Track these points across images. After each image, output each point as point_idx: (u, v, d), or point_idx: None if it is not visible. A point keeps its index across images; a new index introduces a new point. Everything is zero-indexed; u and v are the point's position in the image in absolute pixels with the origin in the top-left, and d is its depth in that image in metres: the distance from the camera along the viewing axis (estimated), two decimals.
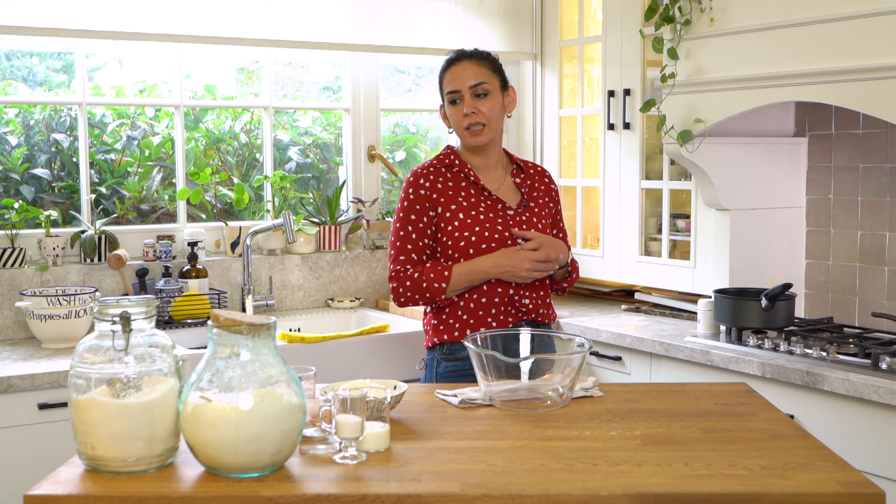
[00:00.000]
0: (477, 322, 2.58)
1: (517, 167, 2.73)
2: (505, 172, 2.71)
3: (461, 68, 2.60)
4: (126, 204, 3.65)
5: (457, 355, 2.58)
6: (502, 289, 2.58)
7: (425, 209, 2.60)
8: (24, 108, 3.56)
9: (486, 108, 2.58)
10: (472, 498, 1.53)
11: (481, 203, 2.61)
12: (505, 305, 2.59)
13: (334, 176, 4.07)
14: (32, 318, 3.04)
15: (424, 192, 2.60)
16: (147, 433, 1.61)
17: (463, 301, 2.58)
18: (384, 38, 3.81)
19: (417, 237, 2.59)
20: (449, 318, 2.60)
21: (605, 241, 3.78)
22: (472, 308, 2.58)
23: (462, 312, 2.59)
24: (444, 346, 2.61)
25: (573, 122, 3.99)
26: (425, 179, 2.61)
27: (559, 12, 4.00)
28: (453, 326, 2.59)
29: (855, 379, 2.55)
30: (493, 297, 2.58)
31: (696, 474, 1.62)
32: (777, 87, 2.90)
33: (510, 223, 2.60)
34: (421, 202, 2.60)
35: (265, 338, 1.63)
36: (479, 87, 2.58)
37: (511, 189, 2.69)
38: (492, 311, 2.58)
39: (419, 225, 2.59)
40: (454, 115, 2.62)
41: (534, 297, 2.63)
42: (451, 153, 2.67)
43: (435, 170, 2.64)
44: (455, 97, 2.60)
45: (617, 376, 3.29)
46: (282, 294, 3.69)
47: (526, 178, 2.72)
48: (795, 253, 3.44)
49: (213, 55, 3.82)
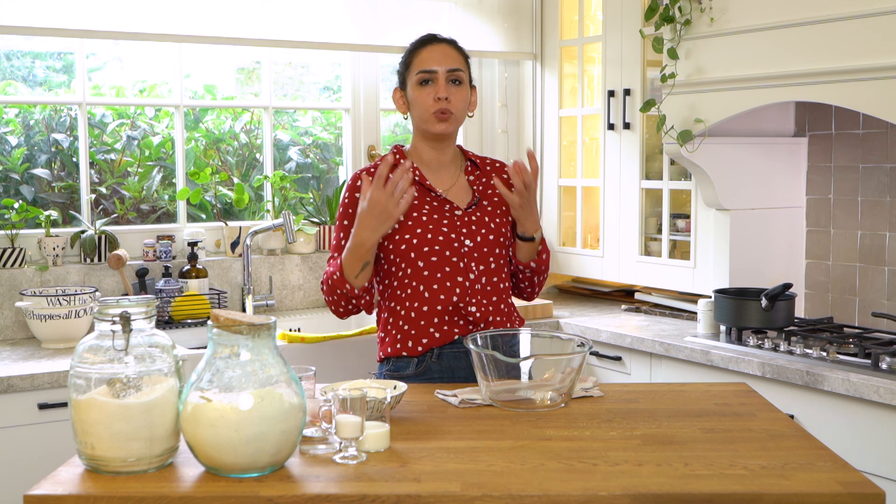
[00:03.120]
0: (419, 333, 2.35)
1: (471, 164, 2.51)
2: (458, 170, 2.49)
3: (439, 50, 2.40)
4: (126, 204, 3.65)
5: (402, 373, 2.37)
6: (444, 296, 2.34)
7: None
8: (24, 108, 3.56)
9: (458, 97, 2.39)
10: (472, 498, 1.53)
11: (425, 205, 2.39)
12: (449, 315, 2.35)
13: (334, 176, 4.07)
14: (32, 318, 3.04)
15: (360, 194, 2.34)
16: (147, 433, 1.61)
17: (404, 310, 2.36)
18: (384, 38, 3.81)
19: (347, 239, 2.36)
20: (392, 330, 2.39)
21: (605, 241, 3.78)
22: (412, 318, 2.36)
23: (403, 323, 2.37)
24: (390, 360, 2.40)
25: (573, 122, 3.99)
26: (363, 182, 2.33)
27: (559, 12, 4.00)
28: (395, 338, 2.38)
29: (855, 379, 2.55)
30: (436, 305, 2.34)
31: (696, 474, 1.62)
32: (777, 87, 2.90)
33: (457, 224, 2.38)
34: (355, 205, 2.38)
35: (265, 338, 1.63)
36: (455, 73, 2.38)
37: (463, 188, 2.46)
38: (434, 320, 2.35)
39: (351, 231, 2.34)
40: (422, 97, 2.38)
41: (483, 305, 2.36)
42: (396, 152, 2.46)
43: (376, 170, 2.35)
44: (428, 77, 2.37)
45: (617, 376, 3.29)
46: (282, 294, 3.70)
47: (481, 174, 2.49)
48: (795, 253, 3.44)
49: (213, 55, 3.82)
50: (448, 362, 2.36)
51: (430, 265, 2.35)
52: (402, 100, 2.48)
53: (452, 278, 2.36)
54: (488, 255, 2.40)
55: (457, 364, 2.36)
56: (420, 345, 2.35)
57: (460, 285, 2.36)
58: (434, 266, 2.35)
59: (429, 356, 2.36)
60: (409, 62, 2.43)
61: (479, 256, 2.38)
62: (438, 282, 2.35)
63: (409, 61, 2.43)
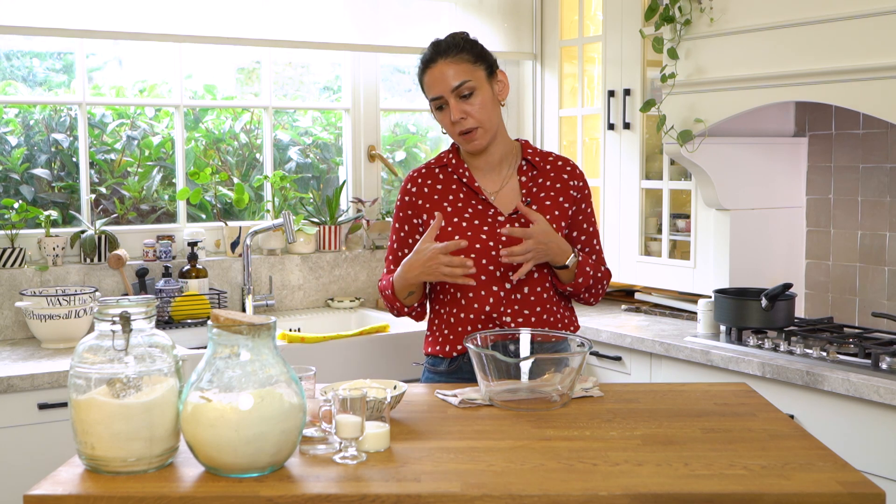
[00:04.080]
0: (456, 339, 2.39)
1: (527, 163, 2.43)
2: (511, 170, 2.43)
3: (438, 71, 2.32)
4: (126, 204, 3.65)
5: (437, 368, 2.44)
6: (478, 304, 2.35)
7: (408, 216, 2.43)
8: (24, 108, 3.56)
9: (476, 108, 2.31)
10: (472, 498, 1.53)
11: (469, 208, 2.37)
12: (482, 323, 2.36)
13: (334, 176, 4.07)
14: (32, 318, 3.04)
15: (410, 197, 2.42)
16: (147, 433, 1.61)
17: (445, 315, 2.41)
18: (384, 38, 3.81)
19: (399, 247, 2.46)
20: (435, 331, 2.45)
21: (605, 241, 3.77)
22: (451, 323, 2.40)
23: (444, 327, 2.42)
24: (430, 358, 2.47)
25: (573, 122, 3.99)
26: (412, 184, 2.43)
27: (559, 12, 4.00)
28: (437, 340, 2.44)
29: (855, 379, 2.55)
30: (469, 314, 2.37)
31: (696, 474, 1.62)
32: (777, 87, 2.90)
33: (497, 232, 2.34)
34: (405, 209, 2.44)
35: (265, 338, 1.63)
36: (462, 88, 2.30)
37: (513, 190, 2.41)
38: (469, 328, 2.37)
39: (401, 234, 2.45)
40: (443, 121, 2.37)
41: (517, 312, 2.35)
42: (450, 152, 2.45)
43: (428, 171, 2.44)
44: (440, 103, 2.34)
45: (617, 376, 3.29)
46: (282, 294, 3.69)
47: (538, 174, 2.42)
48: (795, 253, 3.44)
49: (213, 55, 3.82)
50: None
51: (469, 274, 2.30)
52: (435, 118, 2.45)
53: (488, 287, 2.35)
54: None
55: None
56: (455, 350, 2.40)
57: (495, 294, 2.35)
58: (472, 275, 2.32)
59: (461, 357, 2.41)
60: (421, 85, 2.40)
61: (518, 265, 2.31)
62: (474, 290, 2.36)
63: (421, 83, 2.40)
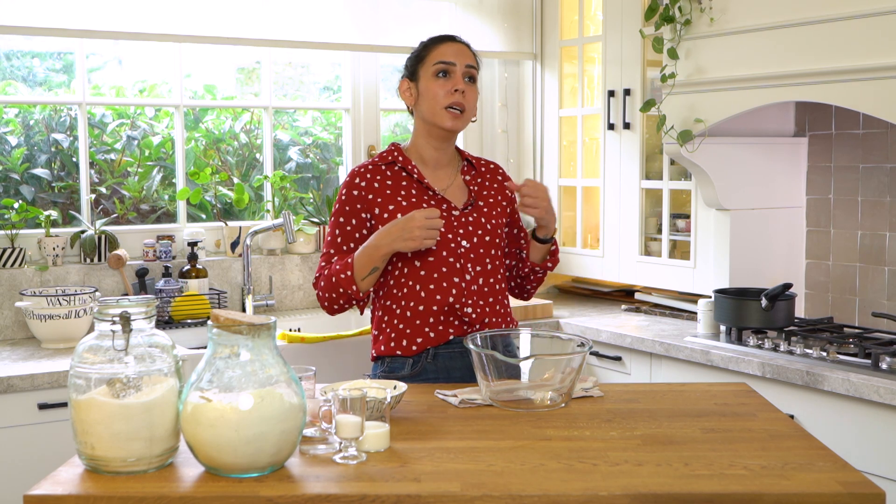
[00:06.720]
0: (414, 332, 2.34)
1: (468, 164, 2.50)
2: (455, 170, 2.48)
3: (457, 47, 2.41)
4: (126, 204, 3.65)
5: (398, 373, 2.36)
6: (441, 296, 2.33)
7: (356, 211, 2.39)
8: (24, 108, 3.56)
9: (472, 95, 2.40)
10: (472, 498, 1.53)
11: (423, 203, 2.38)
12: (444, 315, 2.34)
13: (334, 176, 4.07)
14: (32, 318, 3.04)
15: (359, 192, 2.38)
16: (147, 433, 1.61)
17: (399, 309, 2.36)
18: (384, 38, 3.81)
19: (343, 241, 2.39)
20: (386, 328, 2.38)
21: (605, 241, 3.78)
22: (408, 317, 2.35)
23: (398, 322, 2.36)
24: (384, 360, 2.39)
25: (573, 122, 3.99)
26: (361, 178, 2.40)
27: (559, 12, 4.00)
28: (390, 337, 2.37)
29: (855, 379, 2.55)
30: (431, 306, 2.33)
31: (696, 474, 1.62)
32: (777, 87, 2.90)
33: (454, 224, 2.38)
34: (352, 203, 2.39)
35: (265, 338, 1.63)
36: (472, 70, 2.41)
37: (460, 188, 2.46)
38: (429, 320, 2.34)
39: (347, 228, 2.39)
40: (437, 88, 2.37)
41: (479, 305, 2.36)
42: (394, 150, 2.45)
43: (374, 168, 2.42)
44: (446, 68, 2.37)
45: (617, 376, 3.29)
46: (282, 294, 3.70)
47: (476, 175, 2.49)
48: (795, 253, 3.44)
49: (213, 55, 3.82)
50: (444, 363, 2.36)
51: (427, 265, 2.35)
52: (409, 91, 2.45)
53: (449, 279, 2.36)
54: (485, 255, 2.40)
55: (452, 364, 2.36)
56: (415, 344, 2.35)
57: (457, 286, 2.36)
58: (431, 266, 2.35)
59: (424, 356, 2.35)
60: (425, 55, 2.42)
61: (476, 257, 2.39)
62: (435, 282, 2.35)
63: (425, 55, 2.43)
